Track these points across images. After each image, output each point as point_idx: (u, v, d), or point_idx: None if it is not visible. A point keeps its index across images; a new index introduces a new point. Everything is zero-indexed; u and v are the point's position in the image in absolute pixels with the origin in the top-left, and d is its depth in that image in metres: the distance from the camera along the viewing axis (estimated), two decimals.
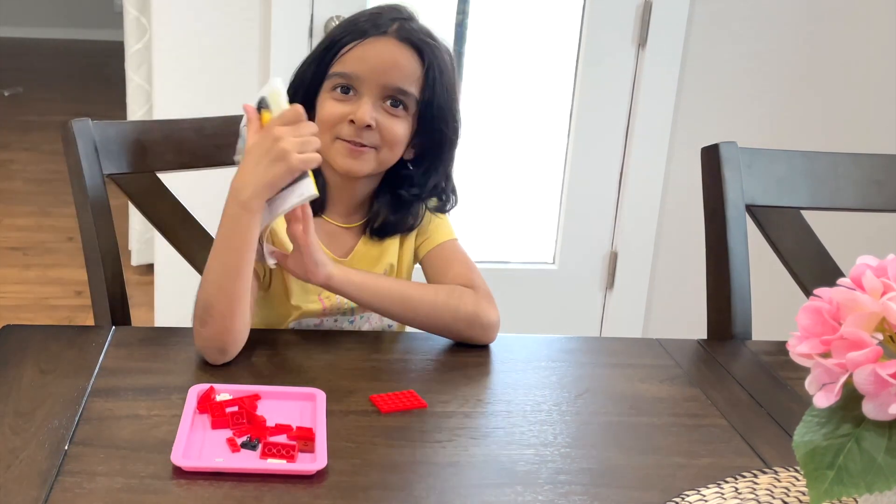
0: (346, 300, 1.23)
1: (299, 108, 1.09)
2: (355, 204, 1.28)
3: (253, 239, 1.08)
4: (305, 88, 1.23)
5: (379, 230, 1.27)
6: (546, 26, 2.46)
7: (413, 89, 1.20)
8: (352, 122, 1.19)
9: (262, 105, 1.11)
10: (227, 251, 1.09)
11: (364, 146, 1.19)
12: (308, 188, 1.08)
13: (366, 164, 1.21)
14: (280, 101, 1.11)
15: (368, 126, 1.18)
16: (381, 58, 1.19)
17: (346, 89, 1.20)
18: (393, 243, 1.29)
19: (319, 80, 1.22)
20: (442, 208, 1.31)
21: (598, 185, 2.50)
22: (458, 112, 1.27)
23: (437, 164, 1.27)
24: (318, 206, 1.22)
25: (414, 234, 1.30)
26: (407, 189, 1.27)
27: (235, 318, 1.09)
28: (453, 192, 1.31)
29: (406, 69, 1.20)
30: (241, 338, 1.11)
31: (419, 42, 1.21)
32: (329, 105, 1.21)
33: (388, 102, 1.20)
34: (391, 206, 1.27)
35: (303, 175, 1.08)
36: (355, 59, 1.20)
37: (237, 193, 1.07)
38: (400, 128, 1.21)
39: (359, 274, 1.19)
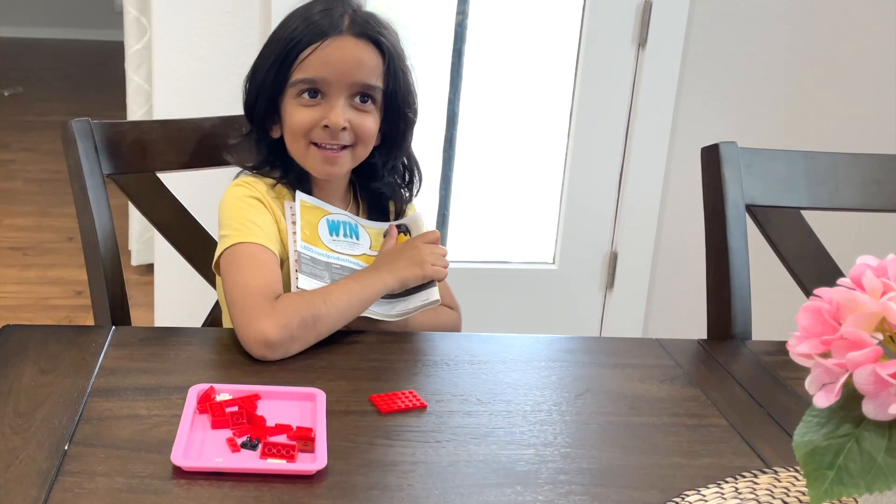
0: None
1: (438, 233, 1.28)
2: (334, 196, 1.32)
3: (370, 303, 1.21)
4: (268, 94, 1.25)
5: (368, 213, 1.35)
6: (546, 26, 2.46)
7: (378, 82, 1.24)
8: (325, 126, 1.22)
9: (401, 229, 1.32)
10: (358, 298, 1.18)
11: (341, 148, 1.23)
12: (433, 295, 1.25)
13: (343, 165, 1.26)
14: (421, 228, 1.31)
15: (343, 128, 1.22)
16: (343, 58, 1.21)
17: (313, 93, 1.23)
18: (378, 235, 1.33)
19: (281, 86, 1.24)
20: (411, 193, 1.37)
21: (598, 185, 2.50)
22: (415, 90, 1.31)
23: (402, 145, 1.32)
24: (306, 193, 1.28)
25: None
26: (380, 178, 1.32)
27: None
28: (417, 166, 1.36)
29: (369, 65, 1.23)
30: None
31: (375, 35, 1.24)
32: (299, 113, 1.23)
33: (357, 99, 1.23)
34: (369, 192, 1.34)
35: (430, 283, 1.25)
36: (318, 64, 1.21)
37: (384, 276, 1.21)
38: (371, 122, 1.25)
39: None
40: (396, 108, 1.27)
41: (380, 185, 1.33)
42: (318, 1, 1.27)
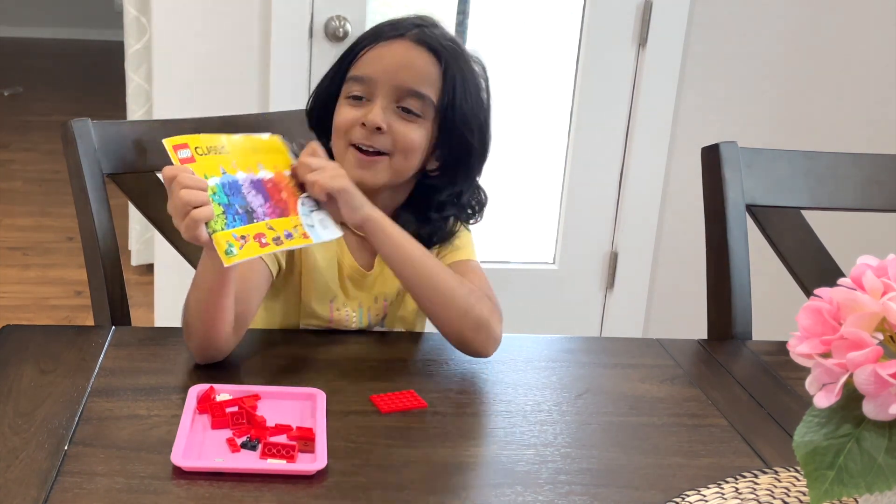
0: (353, 316, 1.23)
1: (166, 169, 1.00)
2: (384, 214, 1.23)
3: (224, 280, 1.05)
4: (325, 97, 1.22)
5: None
6: (546, 26, 2.46)
7: (429, 92, 1.16)
8: (363, 125, 1.15)
9: None
10: (201, 289, 1.07)
11: (376, 154, 1.16)
12: (319, 235, 1.07)
13: (379, 173, 1.17)
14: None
15: (380, 129, 1.15)
16: (394, 58, 1.16)
17: (360, 97, 1.17)
18: None
19: (338, 87, 1.20)
20: (465, 219, 1.27)
21: (598, 185, 2.50)
22: (488, 124, 1.22)
23: (462, 177, 1.22)
24: None
25: (435, 251, 1.23)
26: (433, 202, 1.22)
27: (215, 335, 1.08)
28: (480, 204, 1.27)
29: (421, 70, 1.16)
30: (225, 347, 1.10)
31: (436, 45, 1.17)
32: (343, 110, 1.18)
33: (402, 107, 1.16)
34: (418, 220, 1.21)
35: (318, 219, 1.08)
36: (369, 61, 1.17)
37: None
38: (415, 133, 1.16)
39: (395, 228, 1.14)
40: (452, 128, 1.18)
41: (433, 215, 1.22)
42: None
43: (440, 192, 1.23)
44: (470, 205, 1.26)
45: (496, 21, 2.46)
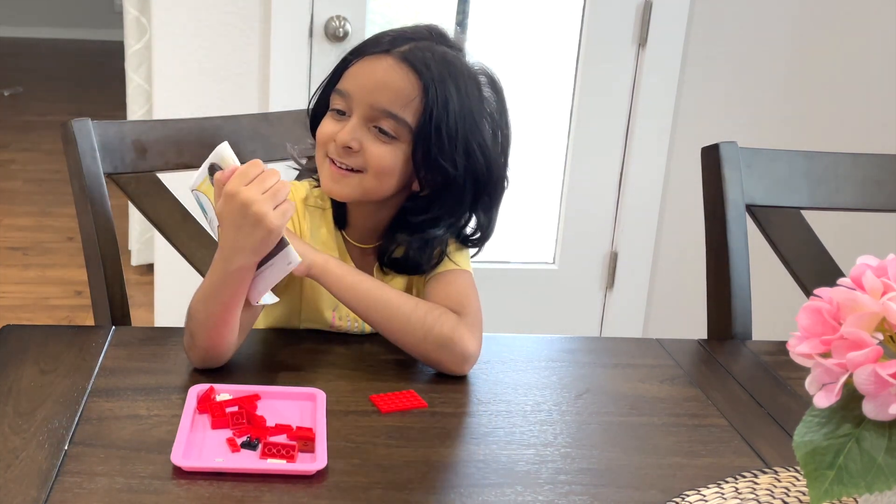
0: (355, 326, 1.23)
1: (257, 161, 1.02)
2: (369, 227, 1.22)
3: (240, 294, 1.06)
4: (320, 104, 1.21)
5: (389, 263, 1.20)
6: (546, 26, 2.47)
7: (405, 114, 1.12)
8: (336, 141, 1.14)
9: (213, 170, 1.05)
10: (215, 302, 1.06)
11: (349, 170, 1.14)
12: (293, 257, 1.04)
13: (347, 188, 1.14)
14: (230, 162, 1.04)
15: (349, 148, 1.13)
16: (372, 76, 1.12)
17: (342, 112, 1.15)
18: (403, 279, 1.23)
19: (329, 96, 1.18)
20: (463, 242, 1.24)
21: (598, 185, 2.50)
22: (486, 150, 1.17)
23: (450, 203, 1.18)
24: (341, 222, 1.22)
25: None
26: (418, 227, 1.18)
27: (220, 344, 1.08)
28: (481, 237, 1.25)
29: (398, 91, 1.11)
30: (227, 355, 1.10)
31: (421, 65, 1.12)
32: (324, 123, 1.17)
33: (376, 127, 1.12)
34: (405, 240, 1.19)
35: (283, 240, 1.03)
36: (351, 76, 1.15)
37: (227, 262, 1.03)
38: (388, 155, 1.13)
39: (341, 266, 1.13)
40: (427, 153, 1.13)
41: (406, 237, 1.18)
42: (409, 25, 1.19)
43: (425, 216, 1.18)
44: (469, 235, 1.24)
45: (496, 21, 2.46)
